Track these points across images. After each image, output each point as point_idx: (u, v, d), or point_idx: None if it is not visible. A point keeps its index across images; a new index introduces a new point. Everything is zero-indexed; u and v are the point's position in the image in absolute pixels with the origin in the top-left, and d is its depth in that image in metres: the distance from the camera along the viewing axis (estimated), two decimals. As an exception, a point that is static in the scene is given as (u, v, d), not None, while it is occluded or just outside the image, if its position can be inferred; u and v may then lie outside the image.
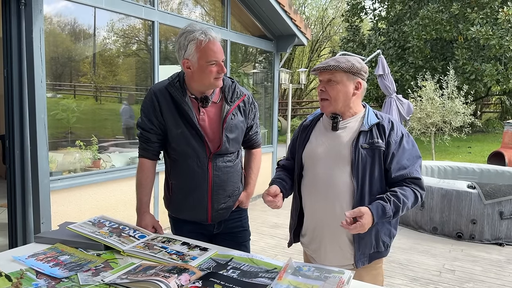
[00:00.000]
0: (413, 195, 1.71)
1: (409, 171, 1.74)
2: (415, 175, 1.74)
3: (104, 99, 4.99)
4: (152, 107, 1.95)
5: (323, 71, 1.79)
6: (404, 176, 1.73)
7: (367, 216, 1.60)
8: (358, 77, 1.78)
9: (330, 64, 1.76)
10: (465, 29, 12.53)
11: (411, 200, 1.70)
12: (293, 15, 6.44)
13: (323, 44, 26.62)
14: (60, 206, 3.76)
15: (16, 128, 3.43)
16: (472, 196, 4.80)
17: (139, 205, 2.00)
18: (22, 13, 3.33)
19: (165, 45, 5.28)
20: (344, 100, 1.79)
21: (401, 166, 1.74)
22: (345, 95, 1.78)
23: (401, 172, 1.73)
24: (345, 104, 1.80)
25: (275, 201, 1.75)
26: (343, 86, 1.77)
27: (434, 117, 8.29)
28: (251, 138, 2.16)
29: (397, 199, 1.66)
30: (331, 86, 1.78)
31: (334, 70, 1.76)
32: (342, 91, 1.77)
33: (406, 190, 1.71)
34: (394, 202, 1.66)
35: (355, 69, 1.76)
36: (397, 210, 1.66)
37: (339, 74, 1.76)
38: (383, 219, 1.66)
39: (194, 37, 1.83)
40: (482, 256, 4.36)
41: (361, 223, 1.57)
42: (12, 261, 1.54)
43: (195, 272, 1.41)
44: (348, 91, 1.78)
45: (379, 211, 1.63)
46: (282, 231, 5.02)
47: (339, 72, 1.76)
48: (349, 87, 1.78)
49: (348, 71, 1.75)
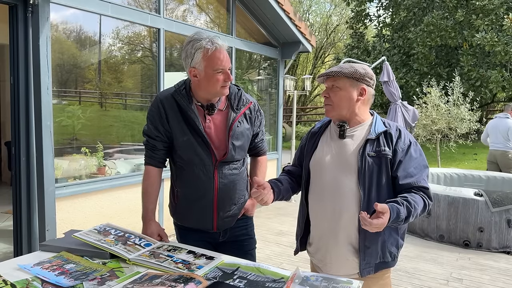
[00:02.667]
0: (422, 202, 1.69)
1: (416, 179, 1.71)
2: (423, 184, 1.72)
3: (109, 106, 5.00)
4: (158, 115, 1.95)
5: (327, 77, 1.79)
6: (412, 184, 1.71)
7: (387, 215, 1.55)
8: (363, 83, 1.77)
9: (332, 70, 1.77)
10: (470, 36, 12.50)
11: (420, 208, 1.67)
12: (297, 22, 6.45)
13: (327, 50, 26.66)
14: (65, 213, 3.76)
15: (22, 135, 3.44)
16: (479, 204, 4.75)
17: (144, 213, 1.99)
18: (29, 20, 3.35)
19: (170, 52, 5.30)
20: (348, 106, 1.78)
21: (408, 174, 1.72)
22: (349, 101, 1.77)
23: (408, 180, 1.71)
24: (350, 110, 1.79)
25: (259, 192, 1.72)
26: (346, 92, 1.76)
27: (439, 123, 8.25)
28: (257, 146, 2.15)
29: (409, 204, 1.63)
30: (334, 92, 1.78)
31: (337, 76, 1.76)
32: (345, 97, 1.77)
33: (416, 196, 1.68)
34: (407, 206, 1.62)
35: (358, 74, 1.75)
36: (409, 215, 1.62)
37: (342, 80, 1.76)
38: (395, 223, 1.61)
39: (201, 46, 1.83)
40: (490, 265, 4.31)
41: (383, 221, 1.53)
42: (17, 270, 1.53)
43: (201, 282, 1.39)
44: (351, 97, 1.77)
45: (394, 213, 1.58)
46: (288, 239, 4.99)
47: (342, 78, 1.76)
48: (353, 93, 1.77)
49: (351, 76, 1.75)
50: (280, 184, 1.89)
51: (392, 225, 1.62)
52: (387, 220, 1.55)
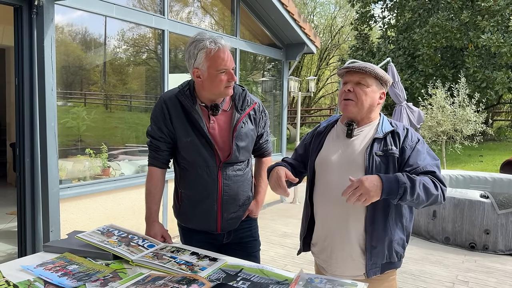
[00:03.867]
0: (432, 183, 1.60)
1: (423, 166, 1.65)
2: (429, 168, 1.65)
3: (114, 107, 5.01)
4: (162, 115, 1.94)
5: (355, 71, 1.75)
6: (418, 171, 1.64)
7: (372, 177, 1.52)
8: (385, 87, 1.78)
9: (367, 67, 1.73)
10: (476, 37, 12.44)
11: (430, 184, 1.58)
12: (302, 23, 6.44)
13: (331, 52, 26.63)
14: (70, 214, 3.76)
15: (26, 136, 3.45)
16: (486, 206, 4.71)
17: (148, 214, 1.98)
18: (33, 22, 3.37)
19: (175, 53, 5.30)
20: (370, 106, 1.76)
21: (416, 163, 1.67)
22: (372, 101, 1.75)
23: (414, 167, 1.65)
24: (369, 110, 1.77)
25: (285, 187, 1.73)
26: (372, 91, 1.74)
27: (445, 125, 8.20)
28: (261, 147, 2.14)
29: (412, 176, 1.57)
30: (361, 88, 1.73)
31: (368, 74, 1.73)
32: (371, 96, 1.74)
33: (423, 176, 1.61)
34: (408, 176, 1.57)
35: (384, 79, 1.76)
36: (413, 183, 1.54)
37: (371, 79, 1.74)
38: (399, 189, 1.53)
39: (203, 46, 1.82)
40: (496, 267, 4.27)
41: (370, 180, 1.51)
42: (20, 270, 1.52)
43: (204, 283, 1.38)
44: (375, 98, 1.76)
45: (391, 178, 1.53)
46: (292, 241, 4.97)
47: (371, 77, 1.73)
48: (377, 94, 1.76)
49: (380, 78, 1.74)
50: (290, 168, 1.89)
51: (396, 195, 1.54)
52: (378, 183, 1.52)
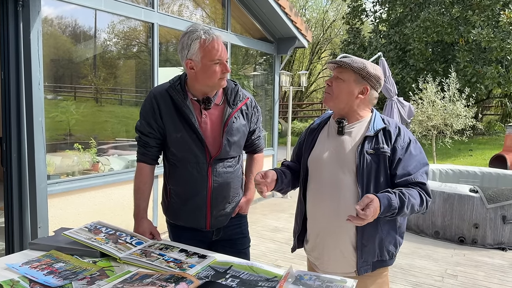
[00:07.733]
0: (419, 196, 1.65)
1: (414, 176, 1.68)
2: (420, 179, 1.69)
3: (104, 101, 4.95)
4: (152, 110, 1.91)
5: (336, 66, 1.76)
6: (408, 180, 1.68)
7: (376, 202, 1.52)
8: (367, 82, 1.73)
9: (342, 61, 1.73)
10: (466, 32, 12.50)
11: (417, 200, 1.63)
12: (293, 17, 6.40)
13: (323, 46, 26.61)
14: (58, 210, 3.72)
15: (13, 131, 3.38)
16: (475, 200, 4.75)
17: (136, 211, 1.96)
18: (19, 14, 3.29)
19: (165, 47, 5.25)
20: (347, 101, 1.74)
21: (407, 172, 1.68)
22: (348, 96, 1.73)
23: (405, 177, 1.68)
24: (348, 105, 1.75)
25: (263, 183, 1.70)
26: (347, 85, 1.73)
27: (435, 119, 8.24)
28: (253, 143, 2.12)
29: (402, 195, 1.60)
30: (337, 82, 1.75)
31: (345, 68, 1.72)
32: (345, 91, 1.73)
33: (411, 190, 1.65)
34: (399, 196, 1.59)
35: (365, 72, 1.71)
36: (402, 205, 1.58)
37: (348, 73, 1.72)
38: (389, 212, 1.56)
39: (197, 36, 1.79)
40: (484, 261, 4.31)
41: (375, 206, 1.50)
42: (5, 269, 1.49)
43: (193, 281, 1.37)
44: (351, 92, 1.73)
45: (385, 201, 1.55)
46: (283, 235, 4.97)
47: (349, 71, 1.72)
48: (354, 89, 1.73)
49: (358, 72, 1.71)
50: (284, 177, 1.86)
51: (386, 215, 1.57)
52: (378, 206, 1.52)
